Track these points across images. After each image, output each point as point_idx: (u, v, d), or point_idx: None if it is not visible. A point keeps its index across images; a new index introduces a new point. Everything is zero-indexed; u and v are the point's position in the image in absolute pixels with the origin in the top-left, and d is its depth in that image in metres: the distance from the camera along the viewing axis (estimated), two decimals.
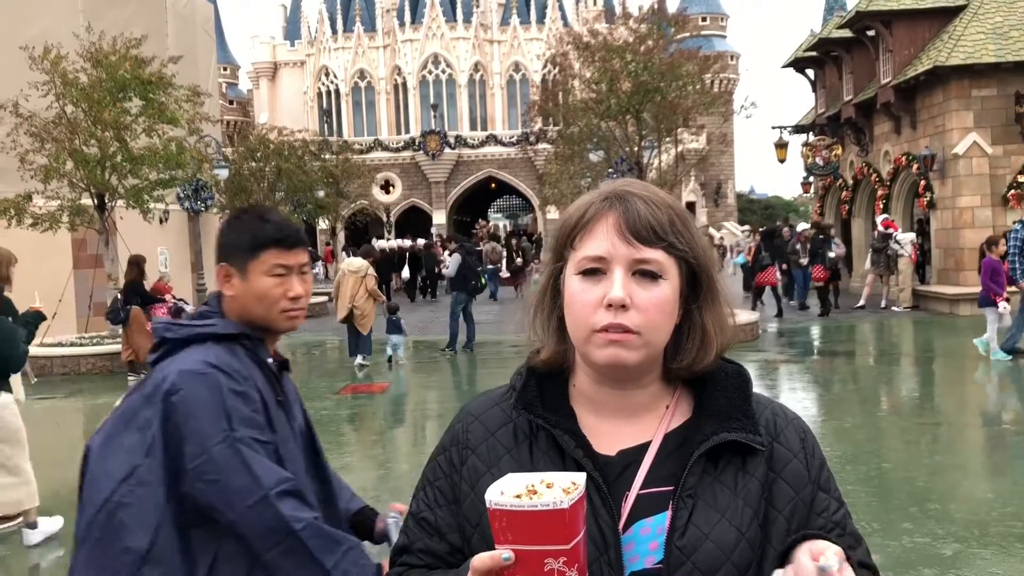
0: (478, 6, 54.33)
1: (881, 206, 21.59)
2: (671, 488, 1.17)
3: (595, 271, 1.17)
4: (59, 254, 16.86)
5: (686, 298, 1.21)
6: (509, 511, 1.02)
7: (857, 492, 6.42)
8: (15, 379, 6.09)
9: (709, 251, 1.24)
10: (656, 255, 1.16)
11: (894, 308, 18.88)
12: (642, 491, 1.18)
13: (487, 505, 1.04)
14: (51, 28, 15.69)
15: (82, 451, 2.03)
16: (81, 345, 14.34)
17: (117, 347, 14.02)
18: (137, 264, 12.92)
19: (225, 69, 61.00)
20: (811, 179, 26.27)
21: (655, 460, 1.20)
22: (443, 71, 53.54)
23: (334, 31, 54.86)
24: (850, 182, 24.62)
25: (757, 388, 1.26)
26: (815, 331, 16.65)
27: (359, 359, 13.19)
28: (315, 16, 56.62)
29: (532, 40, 53.09)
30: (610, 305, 1.14)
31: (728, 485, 1.18)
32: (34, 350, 14.01)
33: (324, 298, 25.32)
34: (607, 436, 1.22)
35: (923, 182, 19.61)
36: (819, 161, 23.94)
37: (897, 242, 18.64)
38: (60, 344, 14.37)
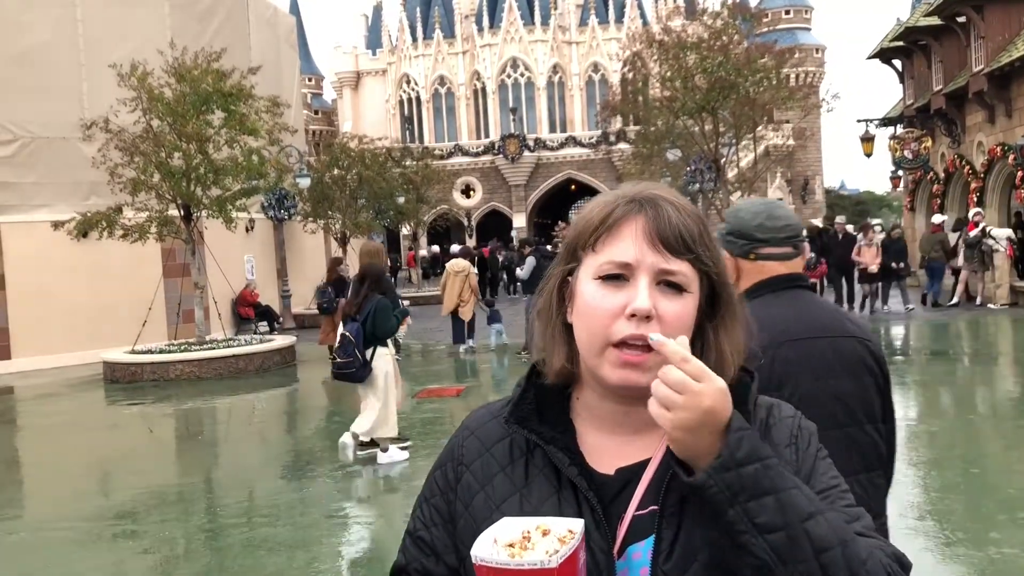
0: (556, 8, 54.22)
1: (975, 199, 20.75)
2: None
3: (616, 277, 1.09)
4: (149, 264, 17.51)
5: (702, 315, 1.14)
6: (494, 568, 0.98)
7: (942, 499, 6.15)
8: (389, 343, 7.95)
9: (725, 266, 1.17)
10: (683, 267, 1.09)
11: (989, 306, 18.12)
12: (637, 512, 1.11)
13: (472, 560, 1.00)
14: (141, 46, 16.30)
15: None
16: (170, 352, 14.81)
17: (205, 354, 14.48)
18: (337, 263, 15.80)
19: (310, 80, 62.42)
20: (900, 173, 25.40)
21: (653, 478, 1.12)
22: (522, 74, 53.62)
23: (414, 39, 55.52)
24: (941, 175, 23.72)
25: None
26: (908, 329, 16.08)
27: (468, 344, 15.49)
28: (395, 25, 57.38)
29: (611, 40, 52.71)
30: (633, 315, 1.07)
31: None
32: (125, 357, 14.62)
33: (406, 303, 25.68)
34: (606, 454, 1.15)
35: (1020, 173, 18.74)
36: (908, 154, 23.13)
37: (992, 238, 17.90)
38: (149, 351, 14.87)
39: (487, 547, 1.00)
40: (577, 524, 1.02)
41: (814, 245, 22.01)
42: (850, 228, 19.68)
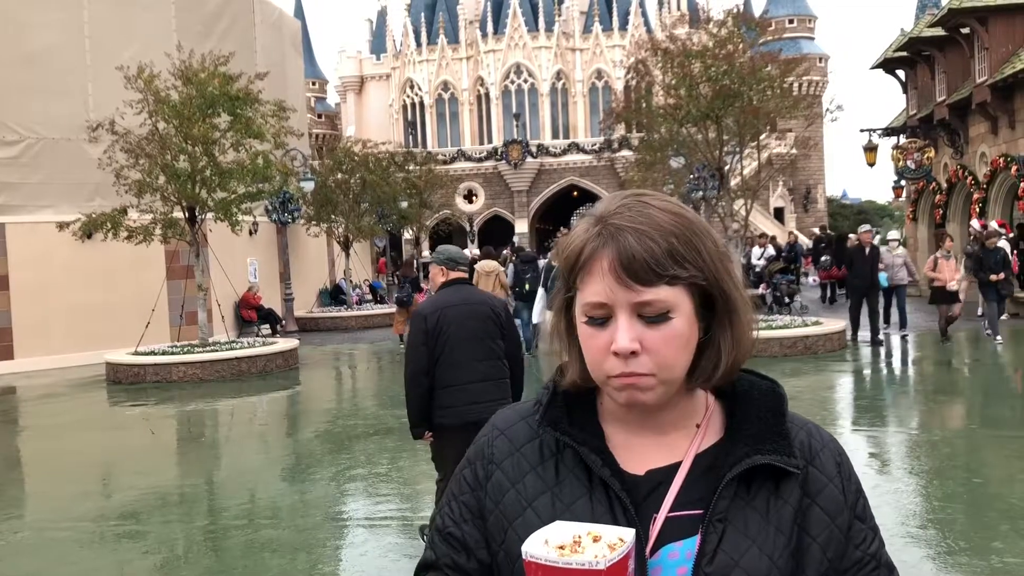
0: (560, 15, 54.32)
1: (977, 210, 20.78)
2: (700, 512, 1.13)
3: (601, 318, 1.12)
4: (152, 266, 17.54)
5: (705, 319, 1.14)
6: (543, 565, 1.00)
7: (944, 508, 6.16)
8: None
9: (723, 262, 1.15)
10: (659, 294, 1.09)
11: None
12: (671, 514, 1.14)
13: (522, 556, 1.03)
14: (147, 49, 16.36)
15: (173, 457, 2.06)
16: (173, 354, 14.83)
17: (207, 356, 14.51)
18: (408, 264, 19.49)
19: (314, 84, 62.55)
20: (902, 183, 25.46)
21: (685, 482, 1.16)
22: (525, 80, 53.71)
23: (418, 44, 55.61)
24: (944, 185, 23.76)
25: (843, 400, 1.18)
26: (908, 341, 16.07)
27: None
28: (400, 30, 57.50)
29: (614, 47, 52.81)
30: (617, 354, 1.10)
31: (760, 510, 1.14)
32: (128, 359, 14.63)
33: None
34: (636, 455, 1.18)
35: (1022, 184, 18.78)
36: (910, 164, 23.18)
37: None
38: (152, 352, 14.90)
39: (538, 546, 1.02)
40: (628, 533, 1.04)
41: (829, 250, 23.34)
42: (878, 241, 16.40)
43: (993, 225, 18.72)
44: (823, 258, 23.97)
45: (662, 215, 1.12)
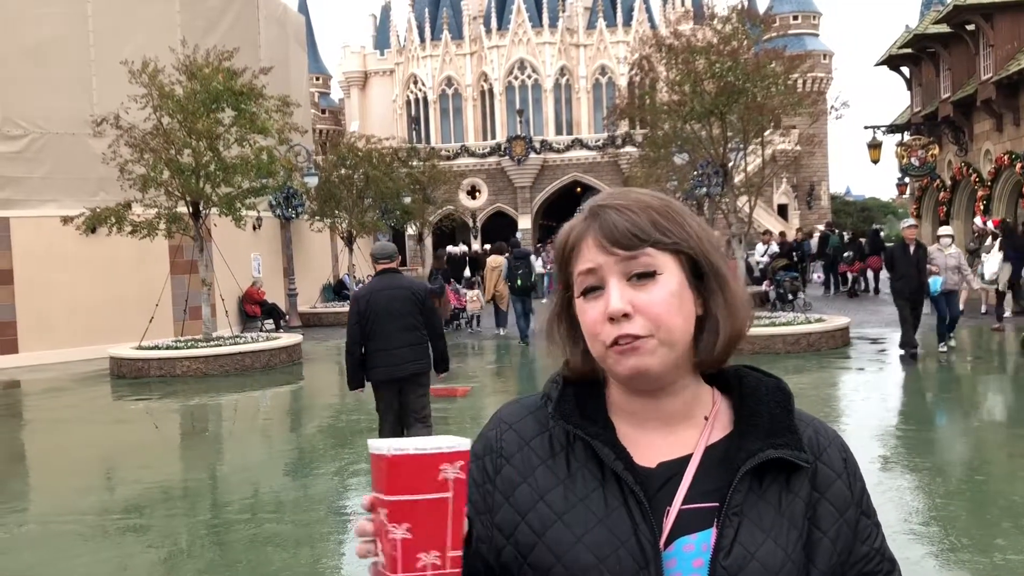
0: (564, 10, 54.20)
1: (981, 207, 20.74)
2: (715, 504, 1.14)
3: (594, 288, 1.15)
4: (156, 260, 17.57)
5: (699, 290, 1.17)
6: (373, 454, 1.02)
7: (947, 505, 6.16)
8: None
9: (709, 238, 1.20)
10: (644, 256, 1.14)
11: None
12: (684, 506, 1.15)
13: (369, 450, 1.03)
14: (151, 42, 16.36)
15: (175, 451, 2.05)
16: (177, 348, 14.85)
17: (211, 351, 14.53)
18: (439, 257, 20.79)
19: (317, 79, 62.48)
20: (906, 180, 25.42)
21: (696, 474, 1.17)
22: (529, 76, 53.61)
23: (422, 39, 55.53)
24: (948, 183, 23.72)
25: (844, 395, 1.19)
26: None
27: (501, 331, 17.95)
28: (404, 25, 57.40)
29: (618, 43, 52.68)
30: (612, 318, 1.12)
31: (772, 504, 1.15)
32: (132, 353, 14.67)
33: None
34: (646, 447, 1.19)
35: None
36: (915, 161, 23.15)
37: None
38: (156, 347, 14.92)
39: (377, 442, 1.02)
40: (464, 443, 1.04)
41: (852, 246, 24.91)
42: (946, 235, 14.10)
43: (990, 225, 18.73)
44: (846, 254, 24.97)
45: (645, 196, 1.19)
